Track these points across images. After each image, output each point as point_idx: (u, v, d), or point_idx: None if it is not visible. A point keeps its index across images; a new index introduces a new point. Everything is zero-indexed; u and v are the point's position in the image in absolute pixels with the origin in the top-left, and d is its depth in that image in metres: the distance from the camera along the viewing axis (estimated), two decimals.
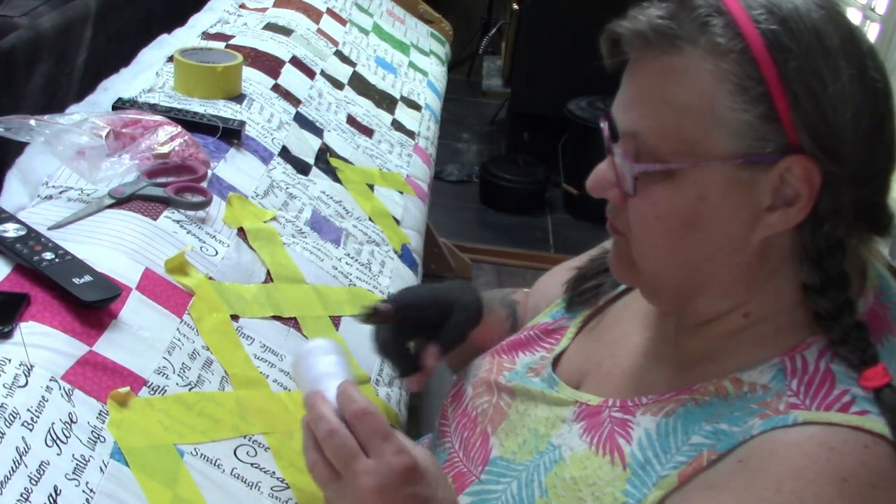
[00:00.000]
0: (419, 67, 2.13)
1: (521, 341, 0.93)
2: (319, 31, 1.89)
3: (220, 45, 1.55)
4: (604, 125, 0.74)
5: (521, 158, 3.69)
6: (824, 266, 0.69)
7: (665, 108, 0.68)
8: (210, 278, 0.95)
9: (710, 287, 0.74)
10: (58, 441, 0.67)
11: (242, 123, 1.26)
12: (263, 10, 1.87)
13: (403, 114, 1.79)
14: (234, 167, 1.19)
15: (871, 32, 2.26)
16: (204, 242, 0.99)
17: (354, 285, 1.13)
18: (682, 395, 0.75)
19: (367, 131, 1.62)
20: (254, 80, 1.48)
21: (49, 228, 0.91)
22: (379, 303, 0.89)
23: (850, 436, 0.64)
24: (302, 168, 1.34)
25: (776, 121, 0.65)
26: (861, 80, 0.66)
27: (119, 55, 1.48)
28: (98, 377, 0.74)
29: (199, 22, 1.71)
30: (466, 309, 0.95)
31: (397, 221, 1.37)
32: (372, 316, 0.89)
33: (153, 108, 1.23)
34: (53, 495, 0.63)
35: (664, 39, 0.67)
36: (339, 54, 1.85)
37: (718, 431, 0.69)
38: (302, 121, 1.47)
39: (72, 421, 0.69)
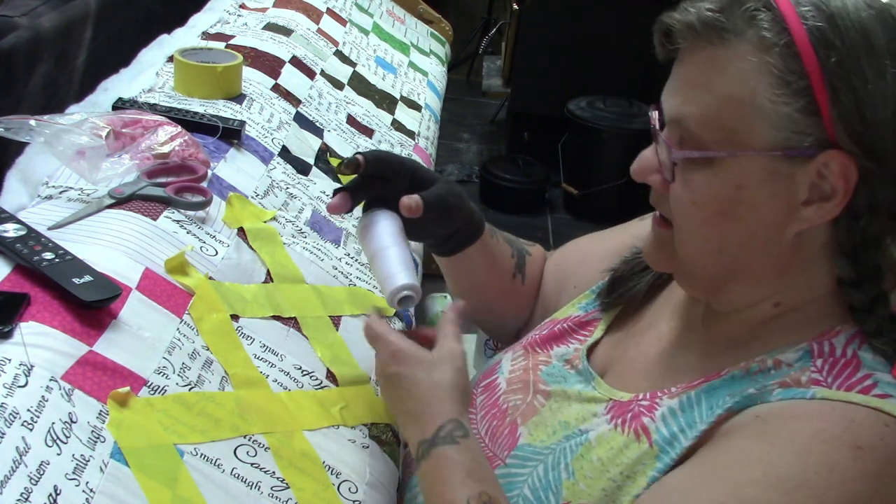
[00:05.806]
0: (419, 67, 2.13)
1: (555, 334, 0.95)
2: (319, 31, 1.89)
3: (220, 45, 1.55)
4: (653, 113, 0.77)
5: (521, 158, 3.68)
6: (859, 261, 0.71)
7: (708, 96, 0.70)
8: (210, 278, 0.95)
9: (742, 276, 0.76)
10: (58, 441, 0.67)
11: (242, 123, 1.26)
12: (263, 10, 1.86)
13: (403, 114, 1.79)
14: (234, 167, 1.19)
15: None
16: (204, 242, 0.99)
17: (354, 285, 1.13)
18: (710, 382, 0.76)
19: (367, 131, 1.62)
20: (254, 80, 1.48)
21: (49, 228, 0.91)
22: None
23: (871, 414, 0.66)
24: (302, 168, 1.34)
25: (816, 115, 0.66)
26: None
27: (119, 55, 1.48)
28: (98, 377, 0.74)
29: (199, 22, 1.71)
30: (453, 188, 0.95)
31: None
32: (344, 166, 0.91)
33: (153, 108, 1.23)
34: (53, 495, 0.63)
35: (712, 31, 0.69)
36: (339, 54, 1.85)
37: (738, 395, 0.72)
38: (302, 121, 1.47)
39: (72, 421, 0.69)
